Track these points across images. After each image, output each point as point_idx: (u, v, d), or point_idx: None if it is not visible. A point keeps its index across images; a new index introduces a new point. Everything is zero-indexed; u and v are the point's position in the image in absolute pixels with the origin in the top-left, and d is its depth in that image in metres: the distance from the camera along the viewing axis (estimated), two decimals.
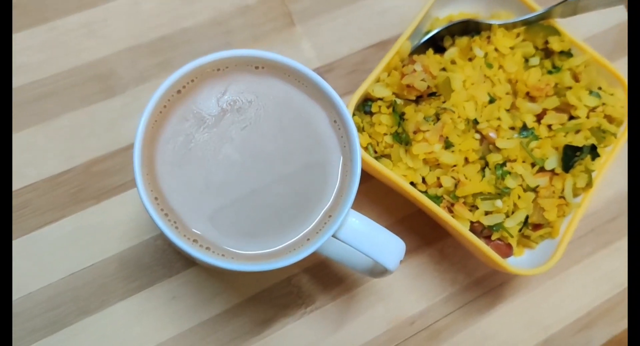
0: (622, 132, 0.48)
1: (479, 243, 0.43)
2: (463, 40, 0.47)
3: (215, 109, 0.36)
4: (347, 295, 0.47)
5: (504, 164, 0.45)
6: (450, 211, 0.44)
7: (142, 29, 0.47)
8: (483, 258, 0.44)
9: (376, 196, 0.49)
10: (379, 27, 0.52)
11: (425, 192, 0.44)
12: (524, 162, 0.45)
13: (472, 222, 0.44)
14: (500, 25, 0.47)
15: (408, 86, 0.43)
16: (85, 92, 0.45)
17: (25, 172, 0.43)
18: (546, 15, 0.47)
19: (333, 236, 0.36)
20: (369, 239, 0.37)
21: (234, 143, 0.36)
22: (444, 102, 0.45)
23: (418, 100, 0.45)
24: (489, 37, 0.47)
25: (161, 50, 0.47)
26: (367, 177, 0.47)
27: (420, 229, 0.49)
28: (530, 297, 0.50)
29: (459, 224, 0.43)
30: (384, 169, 0.43)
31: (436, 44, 0.48)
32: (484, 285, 0.49)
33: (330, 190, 0.37)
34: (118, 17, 0.47)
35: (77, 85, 0.45)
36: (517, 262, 0.46)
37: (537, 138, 0.46)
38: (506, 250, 0.45)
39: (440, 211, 0.43)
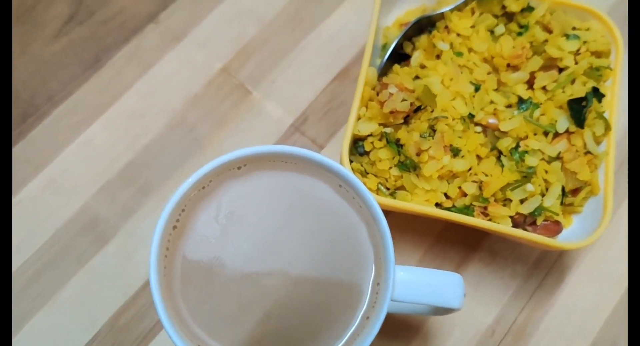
0: (615, 60, 0.46)
1: (527, 235, 0.40)
2: (423, 41, 0.44)
3: (217, 229, 0.34)
4: (420, 337, 0.45)
5: (517, 146, 0.42)
6: (486, 214, 0.42)
7: (105, 163, 0.44)
8: (536, 246, 0.42)
9: (404, 224, 0.46)
10: (333, 56, 0.49)
11: (453, 207, 0.42)
12: (535, 134, 0.43)
13: (511, 217, 0.41)
14: (452, 10, 0.45)
15: (392, 112, 0.41)
16: (77, 250, 0.43)
17: None
18: None
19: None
20: (425, 288, 0.35)
21: (249, 257, 0.33)
22: (432, 112, 0.42)
23: (406, 119, 0.42)
24: (446, 27, 0.44)
25: (134, 177, 0.44)
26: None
27: (460, 238, 0.47)
28: (593, 255, 0.48)
29: (500, 226, 0.40)
30: (404, 205, 0.40)
31: (398, 53, 0.45)
32: (544, 265, 0.47)
33: (368, 258, 0.34)
34: (76, 163, 0.44)
35: (67, 247, 0.43)
36: (570, 233, 0.44)
37: (537, 105, 0.43)
38: (555, 228, 0.43)
39: (476, 221, 0.40)
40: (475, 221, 0.40)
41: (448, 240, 0.47)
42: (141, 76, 0.46)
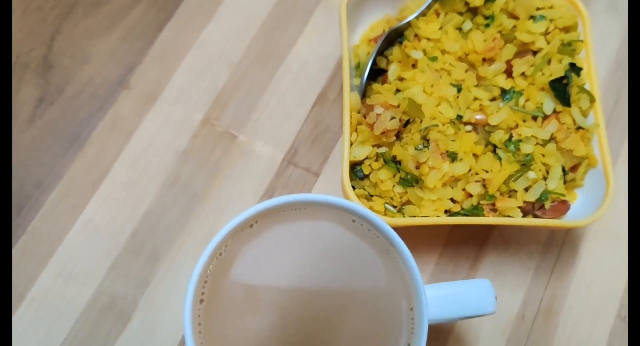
0: (583, 31, 0.46)
1: (542, 223, 0.41)
2: (396, 53, 0.44)
3: (242, 292, 0.33)
4: (453, 336, 0.45)
5: (510, 137, 0.43)
6: (495, 210, 0.42)
7: (109, 240, 0.43)
8: (548, 230, 0.42)
9: (414, 232, 0.46)
10: (308, 82, 0.49)
11: (462, 209, 0.42)
12: (524, 121, 0.43)
13: (520, 206, 0.42)
14: (417, 17, 0.44)
15: (383, 132, 0.41)
16: (102, 334, 0.42)
17: None
18: None
19: None
20: (457, 303, 0.36)
21: (280, 314, 0.33)
22: (421, 122, 0.42)
23: (398, 135, 0.42)
24: (416, 35, 0.44)
25: (140, 247, 0.43)
26: None
27: (470, 232, 0.47)
28: (601, 219, 0.47)
29: (513, 219, 0.41)
30: (416, 220, 0.40)
31: (372, 69, 0.45)
32: (557, 239, 0.47)
33: (395, 285, 0.34)
34: (82, 246, 0.43)
35: (91, 334, 0.42)
36: (577, 207, 0.44)
37: (520, 93, 0.44)
38: (563, 207, 0.43)
39: (489, 220, 0.41)
40: (488, 220, 0.41)
41: (459, 237, 0.47)
42: (125, 144, 0.45)
